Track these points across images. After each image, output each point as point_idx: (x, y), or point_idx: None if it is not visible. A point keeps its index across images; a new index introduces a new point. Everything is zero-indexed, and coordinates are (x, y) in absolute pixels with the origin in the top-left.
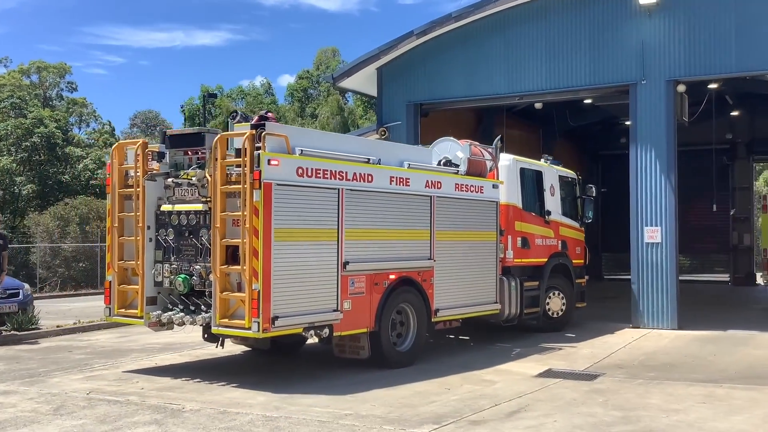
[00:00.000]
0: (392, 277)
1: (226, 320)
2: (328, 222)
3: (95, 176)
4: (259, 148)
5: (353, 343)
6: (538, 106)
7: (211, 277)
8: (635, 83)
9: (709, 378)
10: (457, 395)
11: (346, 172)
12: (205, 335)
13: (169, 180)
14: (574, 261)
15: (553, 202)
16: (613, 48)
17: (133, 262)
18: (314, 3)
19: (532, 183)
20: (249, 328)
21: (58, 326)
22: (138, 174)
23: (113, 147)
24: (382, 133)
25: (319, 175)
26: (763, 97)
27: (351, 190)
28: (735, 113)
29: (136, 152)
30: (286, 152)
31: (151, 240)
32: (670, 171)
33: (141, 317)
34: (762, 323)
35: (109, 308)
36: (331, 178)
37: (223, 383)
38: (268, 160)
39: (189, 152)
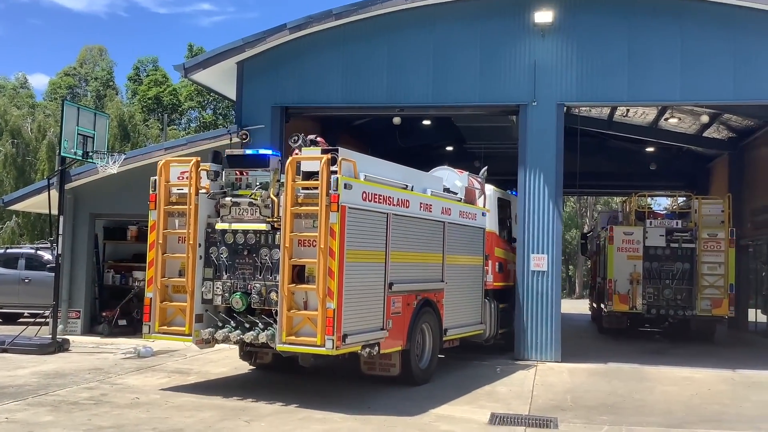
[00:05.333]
0: (419, 297)
1: (293, 337)
2: (379, 245)
3: None
4: (333, 173)
5: (384, 361)
6: (396, 120)
7: (272, 295)
8: (526, 104)
9: (668, 422)
10: None
11: (392, 198)
12: (242, 353)
13: (227, 199)
14: None
15: (516, 229)
16: (505, 66)
17: (177, 279)
18: (56, 0)
19: (504, 212)
20: (321, 345)
21: None
22: (191, 191)
23: (160, 164)
24: (243, 136)
25: (375, 200)
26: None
27: (395, 215)
28: None
29: (190, 170)
30: (353, 177)
31: (201, 257)
32: (558, 197)
33: (188, 334)
34: (625, 354)
35: (149, 325)
36: (383, 203)
37: None
38: (345, 185)
39: (238, 172)
